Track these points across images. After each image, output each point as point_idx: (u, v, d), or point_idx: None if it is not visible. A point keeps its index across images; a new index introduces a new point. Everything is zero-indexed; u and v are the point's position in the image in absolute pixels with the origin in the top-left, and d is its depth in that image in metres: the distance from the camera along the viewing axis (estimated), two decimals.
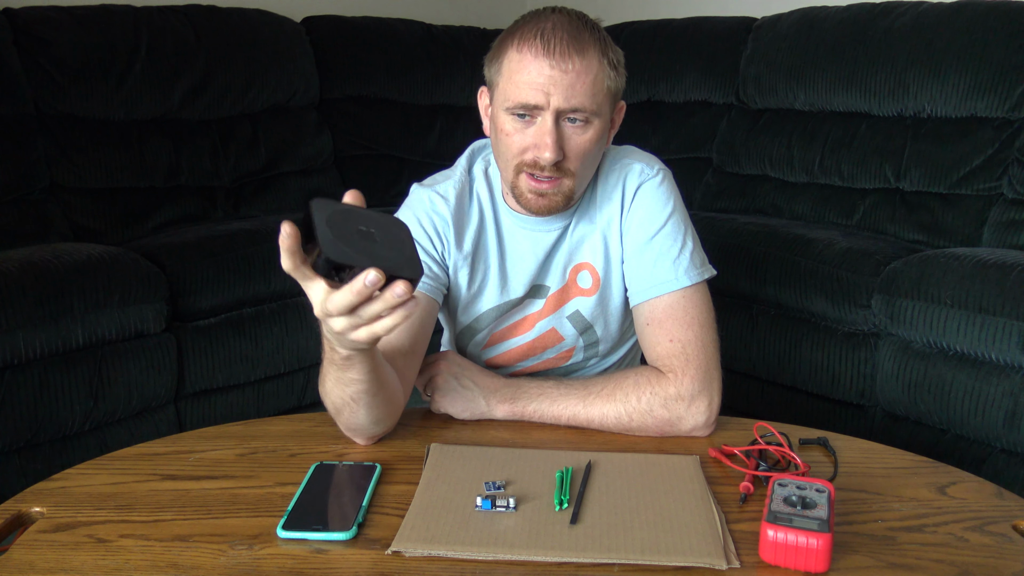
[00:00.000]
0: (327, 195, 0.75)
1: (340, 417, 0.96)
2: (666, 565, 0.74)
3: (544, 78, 0.97)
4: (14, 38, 2.23)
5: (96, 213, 2.28)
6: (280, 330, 2.06)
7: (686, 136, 2.84)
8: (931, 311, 1.72)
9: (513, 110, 0.99)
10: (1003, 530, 0.81)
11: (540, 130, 0.99)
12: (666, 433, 1.02)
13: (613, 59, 1.01)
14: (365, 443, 0.99)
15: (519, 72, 0.98)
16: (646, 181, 1.11)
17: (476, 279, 1.14)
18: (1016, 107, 2.13)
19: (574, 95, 0.97)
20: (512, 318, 1.17)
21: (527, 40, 0.98)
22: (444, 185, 1.14)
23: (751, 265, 2.07)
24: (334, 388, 0.91)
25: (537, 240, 1.13)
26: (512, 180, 1.05)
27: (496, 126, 1.04)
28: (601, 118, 1.02)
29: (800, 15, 2.62)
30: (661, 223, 1.09)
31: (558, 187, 1.03)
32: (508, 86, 1.00)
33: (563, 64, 0.96)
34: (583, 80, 0.97)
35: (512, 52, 0.99)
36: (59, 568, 0.73)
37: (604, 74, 0.99)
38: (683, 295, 1.07)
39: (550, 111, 0.98)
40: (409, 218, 1.13)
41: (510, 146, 1.02)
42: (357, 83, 2.90)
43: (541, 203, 1.04)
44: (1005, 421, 1.63)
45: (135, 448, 0.98)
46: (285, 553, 0.76)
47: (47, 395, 1.67)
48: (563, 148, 0.99)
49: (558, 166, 1.00)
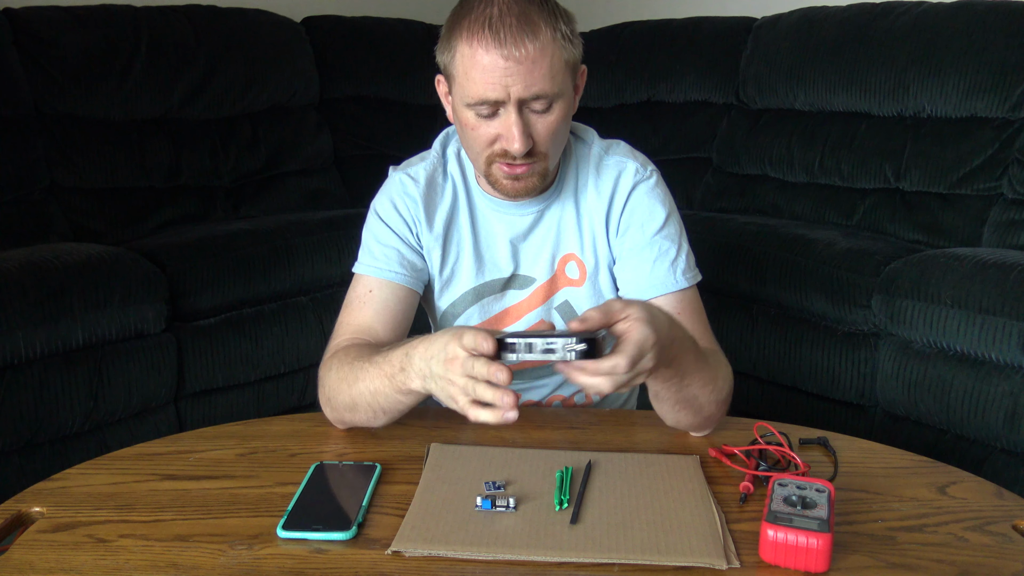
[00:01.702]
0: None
1: (355, 413, 0.97)
2: (666, 565, 0.74)
3: (499, 71, 0.93)
4: (14, 38, 2.23)
5: (96, 213, 2.29)
6: (280, 330, 2.06)
7: (686, 136, 2.84)
8: (931, 311, 1.72)
9: (475, 106, 0.97)
10: (1003, 530, 0.81)
11: (505, 123, 0.97)
12: (691, 429, 1.01)
13: (566, 31, 0.97)
14: (342, 429, 1.02)
15: (473, 68, 0.95)
16: (642, 181, 1.11)
17: (449, 260, 1.14)
18: (1016, 107, 2.13)
19: (533, 82, 0.94)
20: (492, 310, 1.16)
21: (476, 32, 0.94)
22: (416, 168, 1.14)
23: (751, 265, 2.07)
24: (367, 395, 0.94)
25: (511, 223, 1.12)
26: (485, 170, 1.04)
27: (460, 120, 1.02)
28: (564, 97, 0.99)
29: (800, 15, 2.62)
30: (660, 224, 1.10)
31: (532, 169, 1.02)
32: (465, 82, 0.97)
33: (517, 52, 0.93)
34: (540, 65, 0.94)
35: (463, 45, 0.96)
36: (59, 568, 0.73)
37: (560, 50, 0.96)
38: (682, 296, 1.08)
39: (512, 103, 0.95)
40: (383, 201, 1.13)
41: (477, 139, 1.00)
42: (357, 83, 2.90)
43: (518, 187, 1.03)
44: (1005, 421, 1.63)
45: (135, 448, 0.98)
46: (285, 553, 0.76)
47: (47, 395, 1.67)
48: (531, 136, 0.98)
49: (529, 152, 0.99)
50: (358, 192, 2.76)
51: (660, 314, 0.86)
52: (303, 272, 2.10)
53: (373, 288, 1.09)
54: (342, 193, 2.77)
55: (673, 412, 0.98)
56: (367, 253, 1.12)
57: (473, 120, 0.99)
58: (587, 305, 1.15)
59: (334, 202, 2.70)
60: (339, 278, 2.19)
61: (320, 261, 2.13)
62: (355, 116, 2.89)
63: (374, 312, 1.08)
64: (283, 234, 2.12)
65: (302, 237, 2.13)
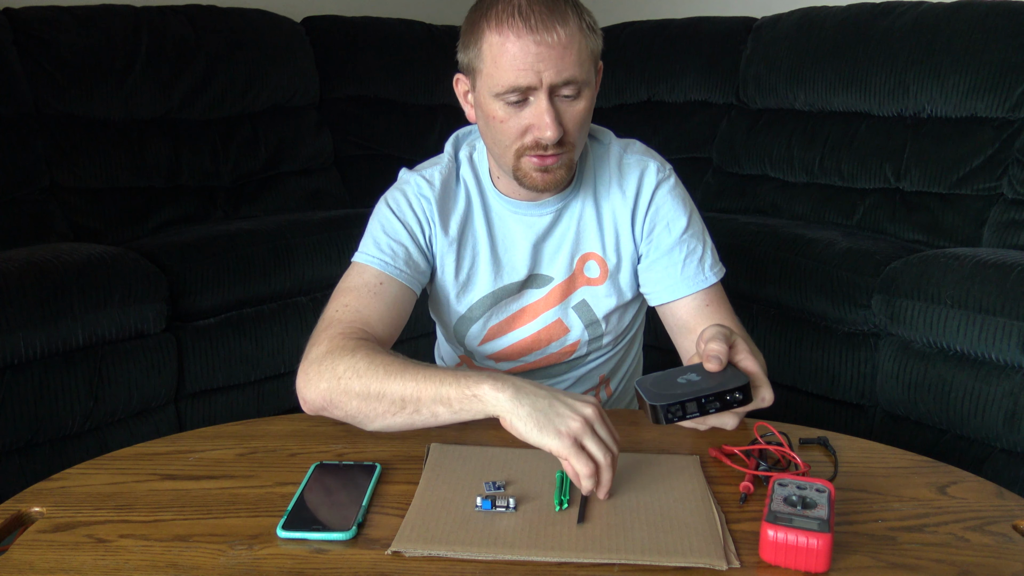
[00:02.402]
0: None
1: (366, 405, 0.93)
2: (666, 565, 0.74)
3: (532, 56, 0.94)
4: (14, 38, 2.23)
5: (96, 213, 2.29)
6: (280, 330, 2.06)
7: (686, 136, 2.84)
8: (931, 311, 1.72)
9: (504, 95, 0.97)
10: (1003, 530, 0.81)
11: (537, 111, 0.97)
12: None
13: (589, 21, 0.98)
14: (309, 412, 1.01)
15: (503, 55, 0.95)
16: (664, 180, 1.12)
17: (464, 265, 1.13)
18: (1016, 107, 2.13)
19: (565, 67, 0.95)
20: (509, 309, 1.15)
21: (504, 20, 0.94)
22: (430, 170, 1.13)
23: (751, 265, 2.07)
24: (396, 398, 0.90)
25: (530, 224, 1.12)
26: (513, 164, 1.02)
27: (486, 113, 1.01)
28: (591, 86, 1.00)
29: (800, 15, 2.62)
30: (685, 224, 1.12)
31: (560, 160, 1.02)
32: (495, 71, 0.96)
33: (548, 38, 0.93)
34: (570, 50, 0.95)
35: (491, 35, 0.96)
36: (59, 568, 0.73)
37: (586, 39, 0.97)
38: (710, 291, 1.12)
39: (543, 89, 0.95)
40: (397, 197, 1.12)
41: (506, 132, 0.99)
42: (357, 83, 2.90)
43: (547, 179, 1.02)
44: (1005, 421, 1.63)
45: (135, 448, 0.98)
46: (285, 553, 0.76)
47: (47, 395, 1.67)
48: (562, 124, 0.98)
49: (560, 142, 0.99)
50: (358, 192, 2.77)
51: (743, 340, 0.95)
52: (303, 272, 2.10)
53: (384, 281, 1.07)
54: (342, 193, 2.77)
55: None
56: (374, 244, 1.09)
57: (502, 112, 0.98)
58: (605, 303, 1.14)
59: (334, 202, 2.70)
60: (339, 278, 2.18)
61: (320, 261, 2.13)
62: (355, 116, 2.89)
63: (385, 307, 1.05)
64: (283, 234, 2.12)
65: (302, 237, 2.13)
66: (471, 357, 1.20)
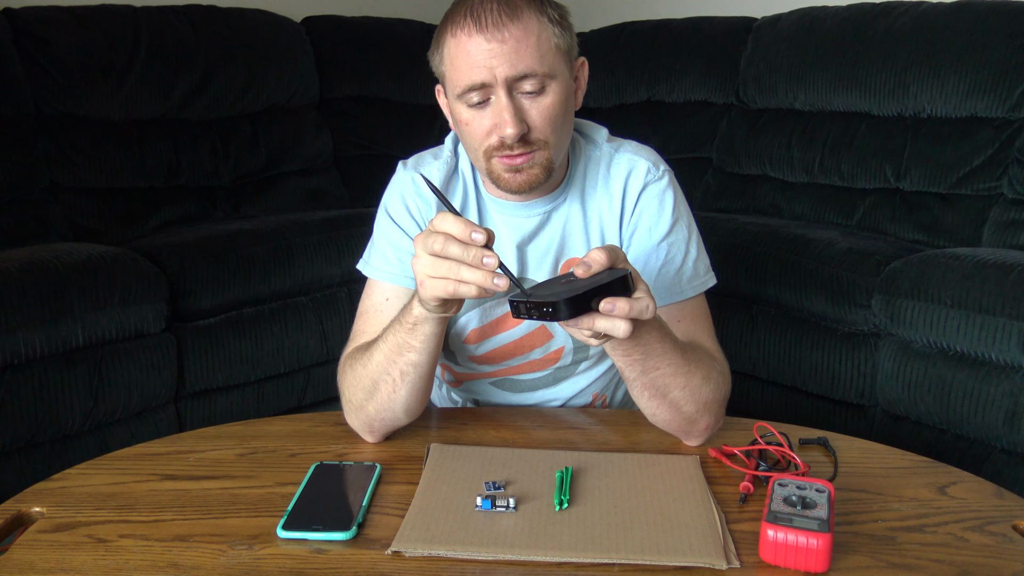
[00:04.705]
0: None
1: (374, 396, 0.95)
2: (666, 565, 0.74)
3: (484, 53, 0.93)
4: (14, 38, 2.23)
5: (96, 213, 2.29)
6: (280, 330, 2.06)
7: (686, 136, 2.84)
8: (931, 311, 1.72)
9: (464, 96, 0.97)
10: (1003, 530, 0.81)
11: (496, 108, 0.96)
12: (676, 431, 1.00)
13: (553, 16, 0.97)
14: (374, 440, 1.00)
15: (459, 55, 0.95)
16: (652, 183, 1.08)
17: None
18: (1016, 107, 2.13)
19: (519, 60, 0.94)
20: (493, 313, 1.14)
21: (458, 22, 0.95)
22: (429, 167, 1.12)
23: (751, 265, 2.07)
24: (383, 361, 0.94)
25: (516, 226, 1.10)
26: (486, 167, 1.02)
27: (456, 119, 1.01)
28: (558, 80, 0.98)
29: (800, 15, 2.62)
30: (667, 230, 1.07)
31: (532, 160, 0.99)
32: (453, 73, 0.97)
33: (499, 34, 0.93)
34: (525, 44, 0.94)
35: (448, 39, 0.97)
36: (59, 568, 0.73)
37: (547, 32, 0.96)
38: (683, 305, 1.06)
39: (500, 85, 0.95)
40: (394, 201, 1.11)
41: (473, 134, 0.99)
42: (357, 83, 2.90)
43: (520, 179, 1.00)
44: (1005, 421, 1.63)
45: (135, 448, 0.98)
46: (285, 553, 0.76)
47: (47, 395, 1.67)
48: (525, 121, 0.96)
49: (526, 140, 0.97)
50: (358, 192, 2.77)
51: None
52: (303, 272, 2.10)
53: (390, 296, 1.08)
54: (342, 193, 2.77)
55: (644, 400, 0.95)
56: (379, 256, 1.10)
57: (467, 114, 0.98)
58: None
59: (334, 202, 2.70)
60: (339, 278, 2.19)
61: (320, 261, 2.13)
62: (355, 116, 2.89)
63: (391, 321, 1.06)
64: (283, 234, 2.12)
65: (302, 237, 2.13)
66: (453, 358, 1.19)
